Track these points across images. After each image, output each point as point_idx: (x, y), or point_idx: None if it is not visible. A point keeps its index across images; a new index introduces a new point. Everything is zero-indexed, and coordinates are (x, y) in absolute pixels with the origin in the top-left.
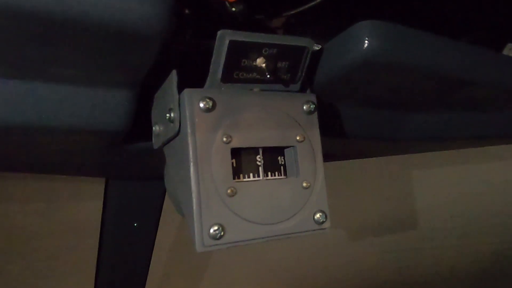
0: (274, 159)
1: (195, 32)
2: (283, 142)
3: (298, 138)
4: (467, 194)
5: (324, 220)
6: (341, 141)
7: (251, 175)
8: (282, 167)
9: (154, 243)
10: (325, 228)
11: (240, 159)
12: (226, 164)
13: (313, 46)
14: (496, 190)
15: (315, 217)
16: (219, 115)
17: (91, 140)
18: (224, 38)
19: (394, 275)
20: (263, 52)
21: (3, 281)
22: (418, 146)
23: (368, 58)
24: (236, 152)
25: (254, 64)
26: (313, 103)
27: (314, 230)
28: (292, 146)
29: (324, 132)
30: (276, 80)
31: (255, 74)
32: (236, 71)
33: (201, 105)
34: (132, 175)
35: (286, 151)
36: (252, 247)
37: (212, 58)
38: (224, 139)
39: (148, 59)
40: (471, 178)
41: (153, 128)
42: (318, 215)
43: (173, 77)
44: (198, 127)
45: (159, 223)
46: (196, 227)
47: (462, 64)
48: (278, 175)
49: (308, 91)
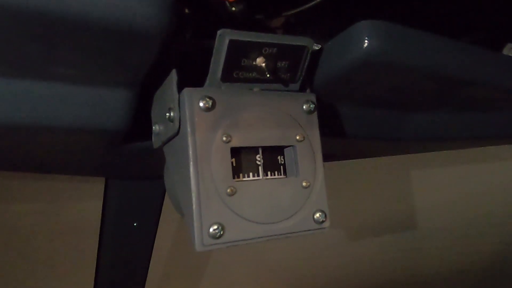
0: (274, 158)
1: (195, 32)
2: (283, 142)
3: (298, 138)
4: (467, 194)
5: (324, 219)
6: (341, 141)
7: (251, 174)
8: (281, 167)
9: (154, 243)
10: (324, 227)
11: (240, 159)
12: (225, 163)
13: (313, 46)
14: (496, 190)
15: (315, 216)
16: (219, 114)
17: (91, 140)
18: (224, 38)
19: (394, 275)
20: (263, 51)
21: (3, 281)
22: (418, 146)
23: (368, 58)
24: (236, 152)
25: (254, 63)
26: (313, 102)
27: (314, 229)
28: (292, 146)
29: (324, 132)
30: (276, 79)
31: (255, 74)
32: (236, 70)
33: (201, 104)
34: (132, 175)
35: (286, 150)
36: (252, 247)
37: (212, 57)
38: (224, 139)
39: (148, 58)
40: (471, 178)
41: (153, 127)
42: (318, 215)
43: (173, 76)
44: (198, 126)
45: (159, 223)
46: (196, 226)
47: (462, 64)
48: (278, 175)
49: (308, 91)
